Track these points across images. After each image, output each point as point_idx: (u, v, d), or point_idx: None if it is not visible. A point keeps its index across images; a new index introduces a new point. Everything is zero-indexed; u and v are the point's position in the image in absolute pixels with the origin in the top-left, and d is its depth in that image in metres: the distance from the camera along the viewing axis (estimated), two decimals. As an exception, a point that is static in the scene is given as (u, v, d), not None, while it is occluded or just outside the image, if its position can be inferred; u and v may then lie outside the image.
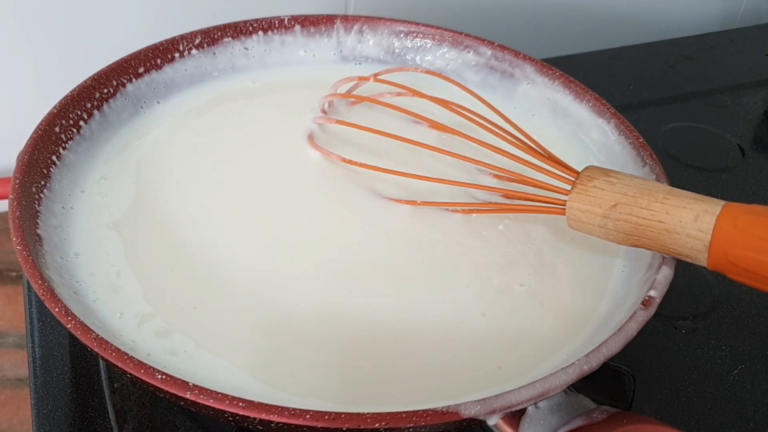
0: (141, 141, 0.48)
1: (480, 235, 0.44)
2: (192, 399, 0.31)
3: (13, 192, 0.39)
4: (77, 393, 0.43)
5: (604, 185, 0.38)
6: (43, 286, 0.35)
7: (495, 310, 0.40)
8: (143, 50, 0.50)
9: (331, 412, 0.30)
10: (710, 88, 0.72)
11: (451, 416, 0.31)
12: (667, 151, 0.63)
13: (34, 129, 0.43)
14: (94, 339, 0.33)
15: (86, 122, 0.47)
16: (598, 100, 0.51)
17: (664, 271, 0.38)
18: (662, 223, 0.36)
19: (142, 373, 0.32)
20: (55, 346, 0.45)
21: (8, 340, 0.53)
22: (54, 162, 0.43)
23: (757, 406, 0.44)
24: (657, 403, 0.44)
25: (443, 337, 0.38)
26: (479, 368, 0.37)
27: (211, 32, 0.53)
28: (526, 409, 0.33)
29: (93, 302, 0.38)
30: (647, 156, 0.46)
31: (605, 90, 0.52)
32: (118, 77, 0.49)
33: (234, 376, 0.36)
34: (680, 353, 0.47)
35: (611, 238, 0.38)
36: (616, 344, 0.34)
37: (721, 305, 0.50)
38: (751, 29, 0.84)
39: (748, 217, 0.34)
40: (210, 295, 0.39)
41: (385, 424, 0.30)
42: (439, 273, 0.42)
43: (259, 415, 0.30)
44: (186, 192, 0.45)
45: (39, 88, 0.61)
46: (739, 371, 0.46)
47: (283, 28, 0.55)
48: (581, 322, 0.40)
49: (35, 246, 0.38)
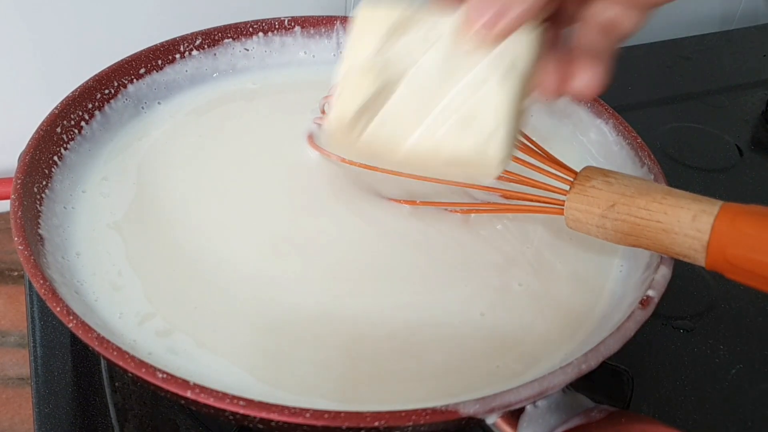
0: (142, 142, 0.48)
1: (479, 235, 0.44)
2: (192, 398, 0.31)
3: (14, 192, 0.39)
4: (78, 392, 0.43)
5: (603, 185, 0.38)
6: (45, 286, 0.35)
7: (494, 309, 0.40)
8: (144, 51, 0.50)
9: (330, 411, 0.31)
10: (708, 89, 0.73)
11: (450, 415, 0.31)
12: (665, 152, 0.63)
13: (36, 129, 0.43)
14: (96, 338, 0.33)
15: (87, 123, 0.47)
16: (596, 101, 0.51)
17: (662, 271, 0.38)
18: (660, 223, 0.36)
19: (143, 372, 0.32)
20: (57, 345, 0.45)
21: (10, 339, 0.53)
22: (55, 162, 0.44)
23: (755, 405, 0.44)
24: (655, 403, 0.44)
25: (442, 336, 0.38)
26: (478, 367, 0.37)
27: (211, 33, 0.53)
28: (525, 408, 0.33)
29: (94, 301, 0.38)
30: (645, 156, 0.46)
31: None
32: (119, 78, 0.49)
33: (234, 374, 0.36)
34: (678, 353, 0.47)
35: (609, 238, 0.39)
36: (614, 344, 0.35)
37: (719, 305, 0.50)
38: (749, 30, 0.84)
39: (745, 216, 0.34)
40: (210, 295, 0.39)
41: (384, 422, 0.31)
42: (438, 273, 0.42)
43: (260, 414, 0.31)
44: (187, 192, 0.45)
45: (41, 89, 0.61)
46: (737, 371, 0.46)
47: (283, 29, 0.55)
48: (579, 322, 0.40)
49: (37, 246, 0.38)
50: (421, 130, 0.33)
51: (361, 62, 0.33)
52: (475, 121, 0.32)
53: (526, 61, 0.32)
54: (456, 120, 0.33)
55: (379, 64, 0.32)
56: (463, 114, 0.33)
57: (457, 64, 0.32)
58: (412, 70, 0.32)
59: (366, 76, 0.32)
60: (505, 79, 0.32)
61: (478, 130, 0.32)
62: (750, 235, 0.34)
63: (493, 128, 0.32)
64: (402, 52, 0.32)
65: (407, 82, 0.32)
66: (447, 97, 0.33)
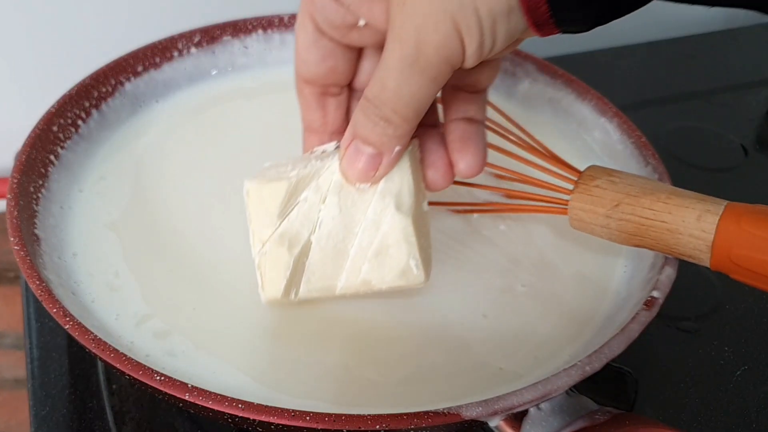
0: (139, 140, 0.48)
1: (481, 236, 0.44)
2: (191, 400, 0.31)
3: (10, 192, 0.39)
4: (75, 394, 0.42)
5: (607, 185, 0.38)
6: (41, 287, 0.34)
7: (497, 311, 0.40)
8: (142, 49, 0.50)
9: (331, 414, 0.30)
10: (713, 88, 0.72)
11: (453, 418, 0.31)
12: (670, 151, 0.63)
13: (32, 128, 0.43)
14: (92, 340, 0.32)
15: (84, 121, 0.46)
16: (600, 99, 0.50)
17: (666, 272, 0.38)
18: (665, 223, 0.36)
19: (141, 375, 0.31)
20: (53, 346, 0.45)
21: (6, 340, 0.53)
22: (52, 161, 0.43)
23: (761, 407, 0.44)
24: (659, 405, 0.44)
25: (444, 338, 0.38)
26: (480, 369, 0.37)
27: (210, 30, 0.53)
28: (528, 411, 0.33)
29: (91, 303, 0.38)
30: (650, 155, 0.46)
31: (607, 89, 0.51)
32: (116, 76, 0.49)
33: (233, 377, 0.35)
34: (683, 354, 0.47)
35: (614, 238, 0.38)
36: (618, 345, 0.34)
37: (723, 306, 0.50)
38: (754, 28, 0.84)
39: (751, 216, 0.34)
40: (209, 296, 0.39)
41: (385, 425, 0.30)
42: (440, 274, 0.41)
43: (259, 417, 0.30)
44: (185, 192, 0.45)
45: (37, 87, 0.60)
46: (742, 372, 0.46)
47: (282, 26, 0.54)
48: (583, 323, 0.40)
49: (33, 246, 0.38)
50: (346, 274, 0.36)
51: (270, 237, 0.35)
52: (389, 253, 0.35)
53: (411, 181, 0.34)
54: (372, 256, 0.35)
55: (287, 231, 0.35)
56: (375, 250, 0.35)
57: (353, 206, 0.34)
58: (317, 225, 0.35)
59: (280, 249, 0.35)
60: (399, 208, 0.34)
61: (396, 260, 0.35)
62: (755, 235, 0.34)
63: (407, 254, 0.35)
64: (302, 211, 0.35)
65: (317, 238, 0.35)
66: (356, 240, 0.35)
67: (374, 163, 0.32)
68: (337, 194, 0.34)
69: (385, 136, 0.31)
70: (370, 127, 0.31)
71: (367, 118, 0.31)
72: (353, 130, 0.32)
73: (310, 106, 0.36)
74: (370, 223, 0.35)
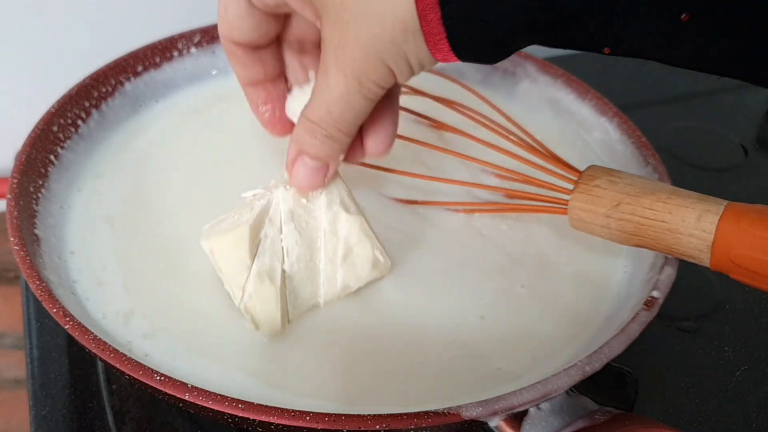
0: (139, 140, 0.48)
1: (482, 235, 0.44)
2: (191, 400, 0.31)
3: (10, 192, 0.39)
4: (75, 394, 0.42)
5: (607, 185, 0.38)
6: (41, 287, 0.34)
7: (497, 310, 0.40)
8: (142, 49, 0.50)
9: (331, 414, 0.30)
10: (713, 88, 0.72)
11: (453, 418, 0.31)
12: (670, 151, 0.63)
13: (32, 128, 0.43)
14: (92, 340, 0.32)
15: (84, 121, 0.46)
16: (600, 99, 0.50)
17: (666, 272, 0.38)
18: (665, 223, 0.36)
19: (141, 375, 0.31)
20: (53, 347, 0.45)
21: (6, 341, 0.53)
22: (52, 161, 0.43)
23: (761, 407, 0.44)
24: (659, 405, 0.44)
25: (444, 338, 0.38)
26: (480, 369, 0.37)
27: (210, 30, 0.52)
28: (528, 411, 0.33)
29: (86, 301, 0.38)
30: (650, 155, 0.46)
31: (607, 89, 0.51)
32: (116, 76, 0.49)
33: (233, 377, 0.35)
34: (683, 354, 0.47)
35: (614, 238, 0.38)
36: (618, 345, 0.34)
37: (724, 306, 0.50)
38: (753, 28, 0.84)
39: (751, 216, 0.34)
40: (208, 296, 0.39)
41: (385, 425, 0.30)
42: (440, 274, 0.41)
43: (259, 417, 0.30)
44: (183, 191, 0.45)
45: (37, 87, 0.60)
46: (742, 372, 0.46)
47: (283, 26, 0.54)
48: (583, 323, 0.39)
49: (33, 246, 0.38)
50: (324, 287, 0.38)
51: (248, 279, 0.36)
52: (354, 252, 0.38)
53: (345, 187, 0.38)
54: (341, 261, 0.38)
55: (261, 268, 0.36)
56: (342, 255, 0.38)
57: (308, 226, 0.37)
58: (285, 254, 0.37)
59: (263, 284, 0.36)
60: (348, 210, 0.38)
61: (363, 256, 0.38)
62: (755, 235, 0.34)
63: (371, 247, 0.38)
64: (267, 246, 0.37)
65: (288, 265, 0.37)
66: (321, 253, 0.38)
67: (323, 172, 0.36)
68: (291, 221, 0.37)
69: (331, 150, 0.35)
70: (317, 146, 0.35)
71: (314, 137, 0.34)
72: (298, 147, 0.35)
73: (245, 65, 0.37)
74: (328, 235, 0.38)
